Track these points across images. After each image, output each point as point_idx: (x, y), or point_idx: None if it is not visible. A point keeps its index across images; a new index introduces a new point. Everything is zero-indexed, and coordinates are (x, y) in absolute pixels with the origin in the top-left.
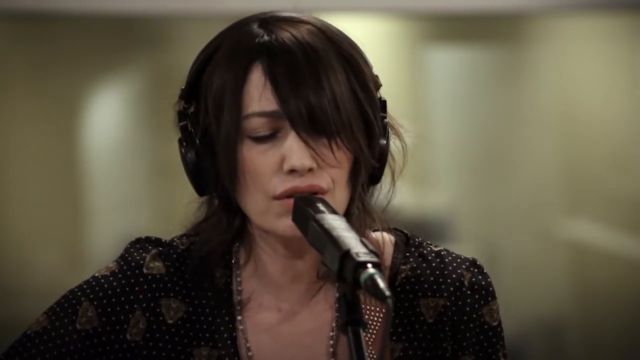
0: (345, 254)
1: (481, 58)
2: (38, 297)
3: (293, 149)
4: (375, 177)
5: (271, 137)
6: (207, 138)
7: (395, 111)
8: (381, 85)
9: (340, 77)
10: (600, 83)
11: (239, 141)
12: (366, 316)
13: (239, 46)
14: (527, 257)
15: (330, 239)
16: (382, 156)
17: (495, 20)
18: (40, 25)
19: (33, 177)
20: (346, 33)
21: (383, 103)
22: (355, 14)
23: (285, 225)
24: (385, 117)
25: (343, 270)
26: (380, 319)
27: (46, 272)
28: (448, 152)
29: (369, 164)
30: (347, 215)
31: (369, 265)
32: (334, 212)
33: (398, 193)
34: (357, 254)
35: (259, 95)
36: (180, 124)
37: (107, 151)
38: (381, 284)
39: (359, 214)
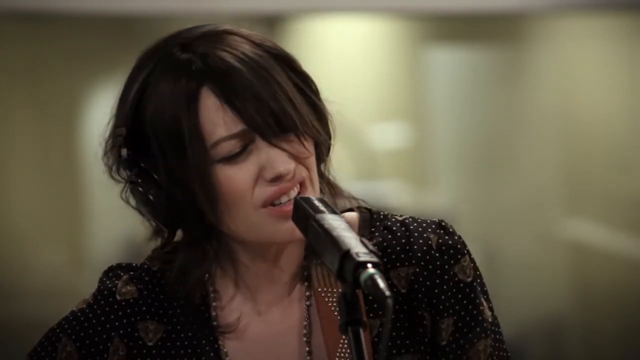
0: (345, 254)
1: (481, 58)
2: (38, 298)
3: (273, 158)
4: (327, 151)
5: (242, 152)
6: (172, 178)
7: (396, 111)
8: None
9: (282, 75)
10: (600, 83)
11: (211, 168)
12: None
13: (176, 78)
14: (527, 257)
15: (330, 239)
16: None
17: (495, 20)
18: (40, 25)
19: (33, 178)
20: (345, 33)
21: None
22: (355, 14)
23: (284, 230)
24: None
25: (343, 270)
26: (333, 299)
27: (47, 273)
28: (448, 152)
29: (328, 143)
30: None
31: (369, 265)
32: (333, 211)
33: (398, 193)
34: (357, 253)
35: (221, 120)
36: (133, 172)
37: None
38: (381, 284)
39: (328, 190)
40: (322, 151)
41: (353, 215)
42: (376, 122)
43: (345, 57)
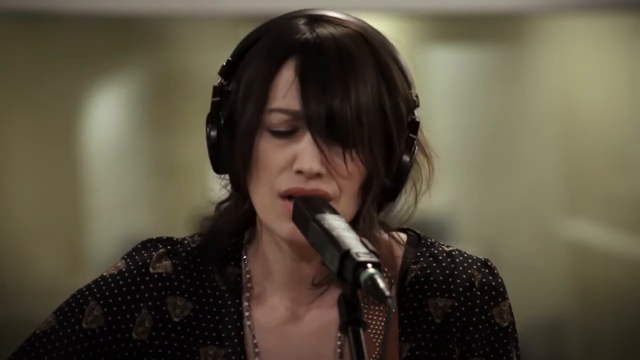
0: (345, 254)
1: (481, 58)
2: (38, 297)
3: (305, 151)
4: (390, 195)
5: (289, 134)
6: (231, 120)
7: None
8: (418, 106)
9: (370, 89)
10: (600, 83)
11: (258, 132)
12: (373, 316)
13: (279, 39)
14: (527, 257)
15: (330, 239)
16: (400, 175)
17: (495, 20)
18: (40, 25)
19: (33, 178)
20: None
21: (416, 124)
22: (355, 14)
23: (285, 228)
24: (414, 138)
25: (343, 270)
26: (374, 313)
27: (47, 273)
28: (448, 152)
29: (382, 181)
30: (353, 227)
31: (369, 265)
32: (334, 212)
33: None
34: (357, 254)
35: (285, 92)
36: (213, 99)
37: (107, 151)
38: (381, 284)
39: (364, 228)
40: (372, 185)
41: (401, 236)
42: None
43: None
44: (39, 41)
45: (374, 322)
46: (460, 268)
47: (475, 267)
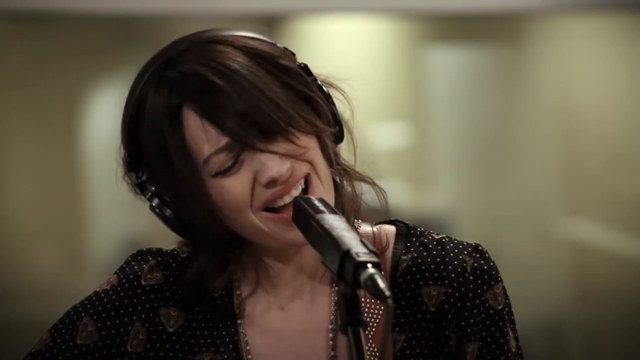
0: (345, 254)
1: (481, 58)
2: (38, 297)
3: (263, 163)
4: (338, 137)
5: (235, 163)
6: (175, 194)
7: (396, 111)
8: (294, 54)
9: (264, 77)
10: (600, 83)
11: (207, 184)
12: (366, 310)
13: (160, 98)
14: (527, 257)
15: (330, 239)
16: (334, 117)
17: (495, 20)
18: (39, 25)
19: (33, 178)
20: (345, 33)
21: (305, 68)
22: (355, 14)
23: (290, 237)
24: (315, 80)
25: (343, 270)
26: (380, 313)
27: (47, 273)
28: (448, 152)
29: (329, 133)
30: (334, 184)
31: (369, 265)
32: (334, 211)
33: (398, 193)
34: (357, 254)
35: (205, 137)
36: (144, 194)
37: (107, 152)
38: (381, 284)
39: (341, 178)
40: (325, 141)
41: (390, 228)
42: (376, 122)
43: (345, 57)
44: (39, 41)
45: (364, 314)
46: (451, 254)
47: (466, 252)
